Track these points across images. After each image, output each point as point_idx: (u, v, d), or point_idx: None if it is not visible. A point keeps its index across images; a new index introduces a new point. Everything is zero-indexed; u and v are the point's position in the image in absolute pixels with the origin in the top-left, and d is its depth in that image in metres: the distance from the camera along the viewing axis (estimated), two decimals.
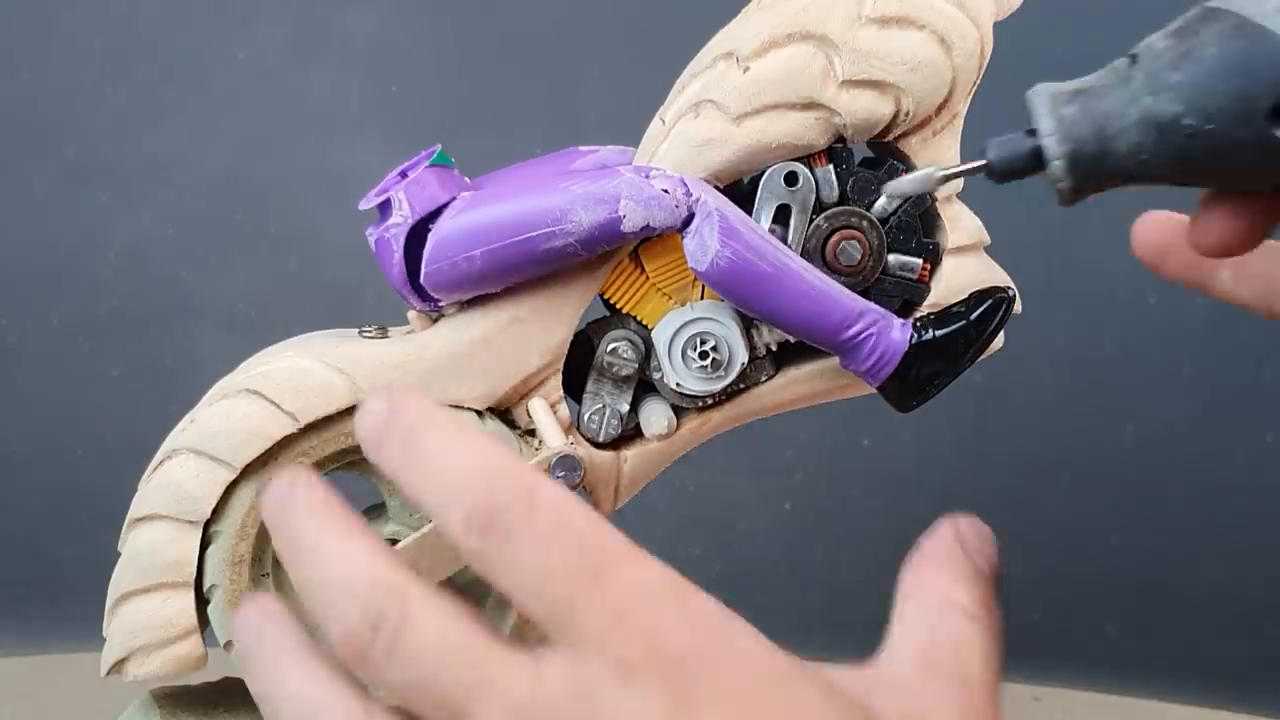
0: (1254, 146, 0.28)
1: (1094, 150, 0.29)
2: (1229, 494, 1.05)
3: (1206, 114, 0.28)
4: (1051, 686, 1.07)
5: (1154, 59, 0.29)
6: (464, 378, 0.41)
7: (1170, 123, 0.28)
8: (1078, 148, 0.29)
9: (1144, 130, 0.29)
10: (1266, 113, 0.27)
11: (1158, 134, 0.28)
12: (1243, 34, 0.27)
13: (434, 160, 0.40)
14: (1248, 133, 0.28)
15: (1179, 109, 0.28)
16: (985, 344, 0.40)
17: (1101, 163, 0.29)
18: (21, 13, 1.03)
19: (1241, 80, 0.27)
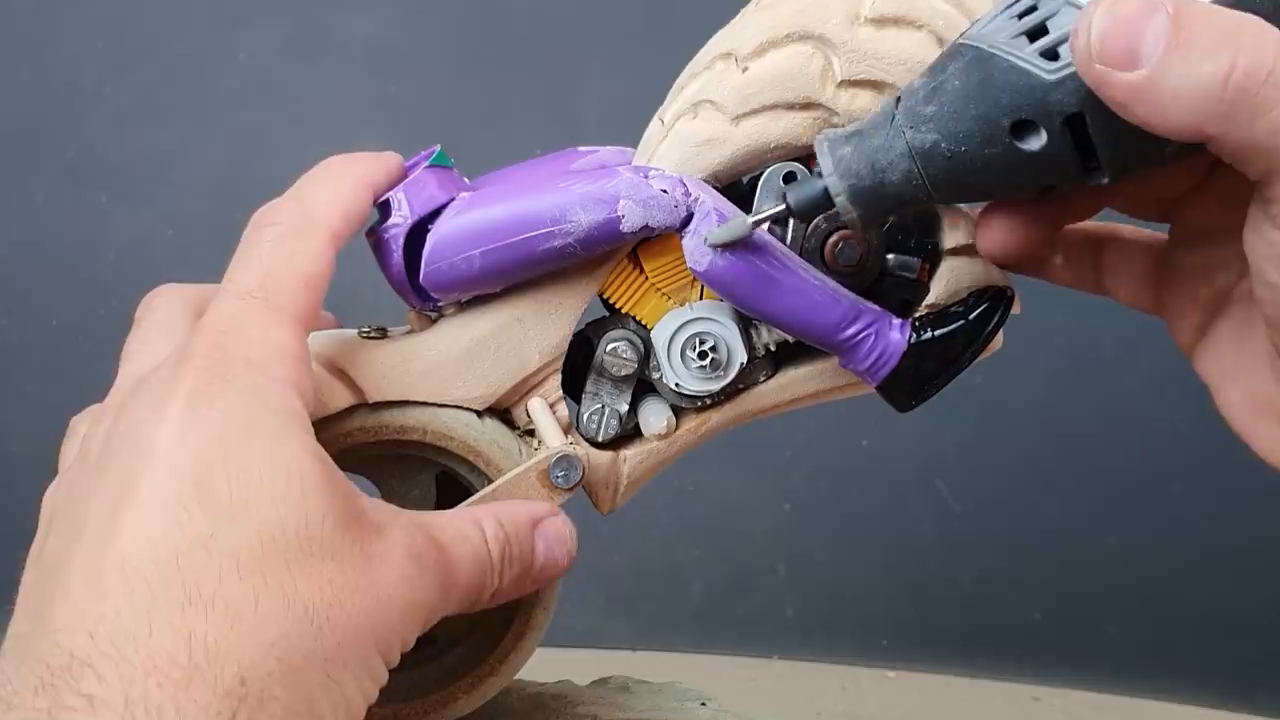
0: (1004, 161, 0.31)
1: (871, 183, 0.33)
2: (1228, 494, 1.05)
3: (958, 138, 0.31)
4: (1051, 686, 1.07)
5: (912, 96, 0.32)
6: (463, 377, 0.41)
7: (930, 150, 0.32)
8: (856, 183, 0.33)
9: (910, 160, 0.32)
10: (1008, 130, 0.30)
11: (922, 161, 0.32)
12: (980, 64, 0.30)
13: (433, 161, 0.41)
14: (996, 150, 0.31)
15: (935, 137, 0.31)
16: (984, 344, 0.40)
17: (880, 192, 0.33)
18: (22, 13, 1.03)
19: (982, 105, 0.30)
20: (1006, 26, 0.31)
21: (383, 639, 0.32)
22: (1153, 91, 0.28)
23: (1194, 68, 0.27)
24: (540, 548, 0.38)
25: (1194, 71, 0.27)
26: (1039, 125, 0.30)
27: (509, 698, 0.49)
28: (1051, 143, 0.30)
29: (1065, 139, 0.30)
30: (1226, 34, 0.27)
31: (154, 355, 0.36)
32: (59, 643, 0.29)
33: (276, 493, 0.31)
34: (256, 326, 0.34)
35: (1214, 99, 0.27)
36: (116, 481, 0.31)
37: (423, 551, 0.34)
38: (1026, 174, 0.31)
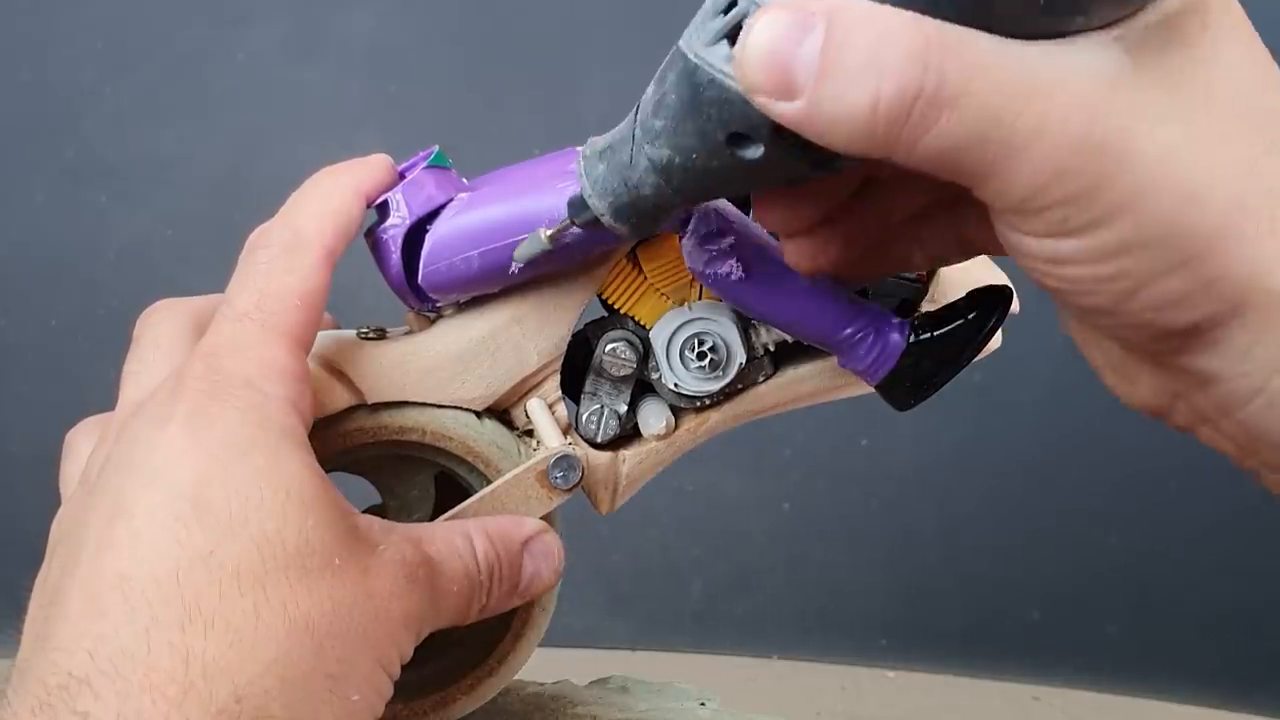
0: (732, 170, 0.30)
1: (628, 199, 0.33)
2: (1228, 494, 1.05)
3: (686, 152, 0.31)
4: (1051, 686, 1.07)
5: (644, 109, 0.32)
6: (462, 378, 0.41)
7: (668, 164, 0.31)
8: (614, 200, 0.33)
9: (654, 173, 0.32)
10: (725, 143, 0.30)
11: (665, 174, 0.32)
12: (688, 77, 0.30)
13: (431, 161, 0.40)
14: (721, 159, 0.30)
15: (668, 152, 0.31)
16: (983, 343, 0.40)
17: (639, 205, 0.33)
18: (21, 13, 1.03)
19: (696, 120, 0.30)
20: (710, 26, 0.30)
21: (383, 652, 0.32)
22: (813, 121, 0.26)
23: (843, 97, 0.26)
24: (528, 566, 0.39)
25: (844, 101, 0.26)
26: (751, 137, 0.29)
27: (508, 698, 0.49)
28: (770, 150, 0.29)
29: (781, 144, 0.29)
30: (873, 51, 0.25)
31: (153, 377, 0.36)
32: (57, 662, 0.29)
33: (275, 509, 0.31)
34: (253, 347, 0.34)
35: (869, 129, 0.26)
36: (114, 501, 0.32)
37: (415, 566, 0.34)
38: (761, 178, 0.31)
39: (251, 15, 1.04)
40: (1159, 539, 1.07)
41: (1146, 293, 0.27)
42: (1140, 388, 0.31)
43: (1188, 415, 0.30)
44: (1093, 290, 0.27)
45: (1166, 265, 0.26)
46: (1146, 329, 0.28)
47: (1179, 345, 0.28)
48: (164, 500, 0.31)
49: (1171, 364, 0.29)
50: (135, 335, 0.39)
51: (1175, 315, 0.27)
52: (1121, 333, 0.29)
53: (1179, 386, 0.30)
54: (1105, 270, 0.27)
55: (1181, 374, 0.29)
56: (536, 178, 0.40)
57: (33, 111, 1.05)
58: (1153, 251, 0.26)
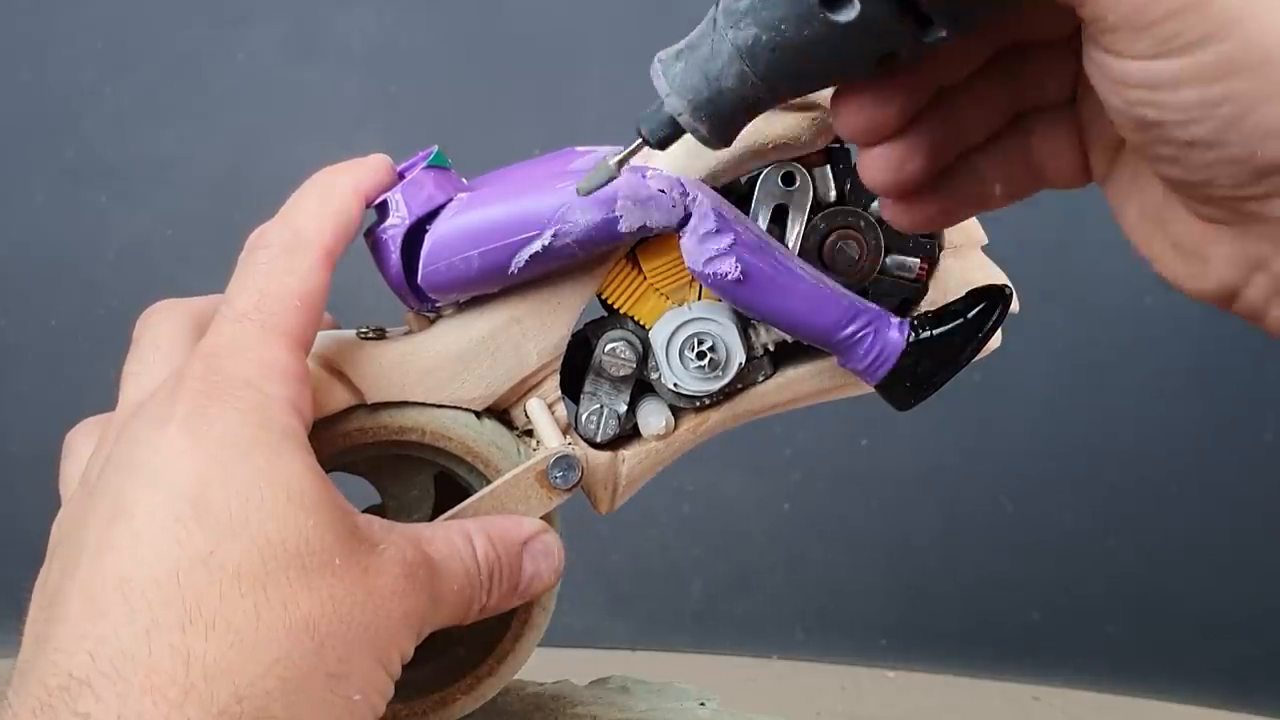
0: (823, 37, 0.30)
1: (710, 94, 0.32)
2: (1228, 494, 1.05)
3: (775, 27, 0.30)
4: (1051, 686, 1.07)
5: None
6: (462, 378, 0.41)
7: (754, 45, 0.31)
8: (694, 97, 0.32)
9: (738, 60, 0.31)
10: (818, 4, 0.30)
11: (750, 59, 0.31)
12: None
13: (431, 161, 0.40)
14: (814, 29, 0.30)
15: (755, 30, 0.31)
16: (983, 342, 0.40)
17: (720, 101, 0.32)
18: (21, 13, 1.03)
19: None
20: None
21: (383, 651, 0.32)
22: None
23: None
24: (528, 566, 0.39)
25: None
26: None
27: (508, 698, 0.49)
28: (867, 7, 0.29)
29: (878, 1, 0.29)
30: None
31: (153, 378, 0.36)
32: (57, 663, 0.29)
33: (275, 509, 0.31)
34: (253, 348, 0.34)
35: None
36: (114, 502, 0.32)
37: (415, 566, 0.34)
38: (854, 47, 0.30)
39: (251, 15, 1.04)
40: (1159, 539, 1.07)
41: (1251, 119, 0.27)
42: (1213, 264, 0.30)
43: (1264, 288, 0.30)
44: (1197, 118, 0.27)
45: (1274, 88, 0.26)
46: (1246, 164, 0.27)
47: (1274, 187, 0.27)
48: (164, 501, 0.31)
49: (1259, 216, 0.28)
50: (135, 336, 0.39)
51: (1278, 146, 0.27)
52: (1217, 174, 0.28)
53: (1259, 250, 0.29)
54: (1212, 92, 0.27)
55: (1266, 229, 0.28)
56: (536, 178, 0.40)
57: (32, 111, 1.05)
58: (1261, 71, 0.26)
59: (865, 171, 0.34)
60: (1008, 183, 0.35)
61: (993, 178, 0.35)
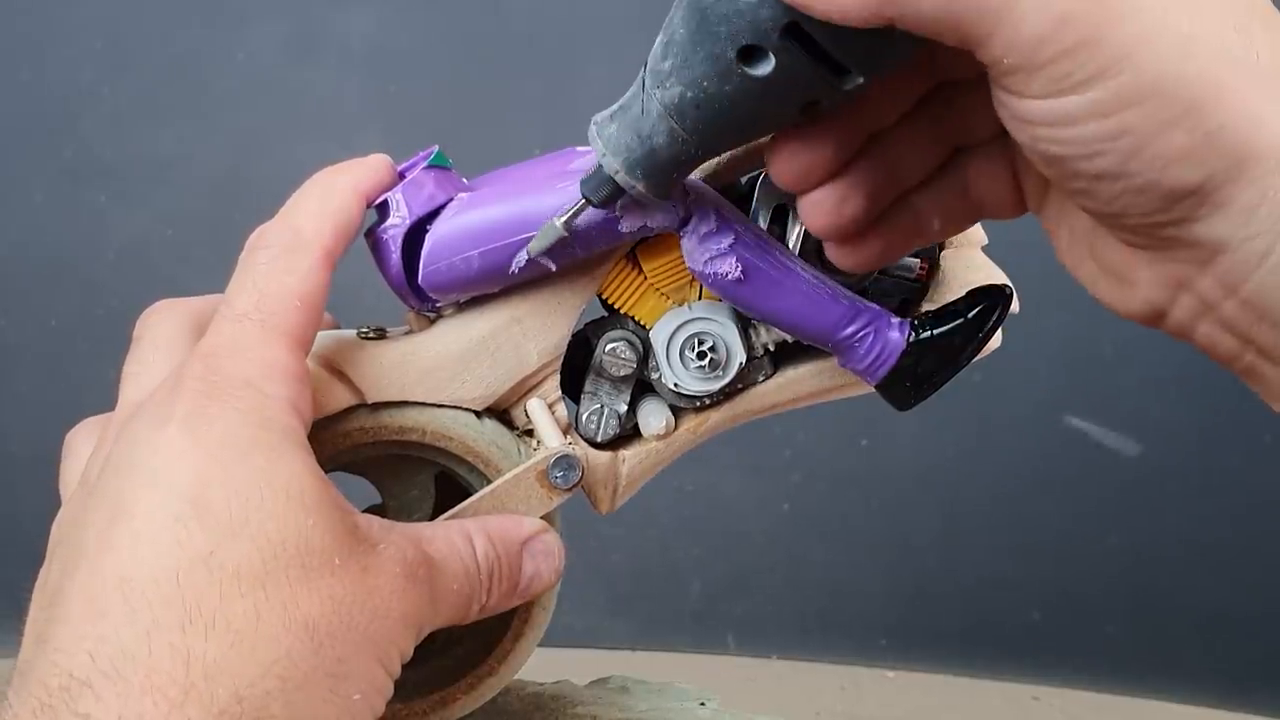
0: (744, 91, 0.31)
1: (642, 153, 0.33)
2: (1227, 495, 1.05)
3: (698, 84, 0.31)
4: (1051, 686, 1.07)
5: (652, 58, 0.32)
6: (462, 378, 0.41)
7: (679, 103, 0.32)
8: (628, 156, 0.33)
9: (667, 118, 0.32)
10: (736, 60, 0.30)
11: (678, 117, 0.32)
12: (695, 5, 0.31)
13: (431, 161, 0.40)
14: (734, 83, 0.31)
15: (679, 89, 0.32)
16: (983, 342, 0.40)
17: (654, 159, 0.33)
18: (20, 13, 1.03)
19: (705, 44, 0.31)
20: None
21: (383, 651, 0.32)
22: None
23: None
24: (528, 566, 0.39)
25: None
26: (763, 47, 0.30)
27: (508, 698, 0.49)
28: (781, 59, 0.30)
29: (793, 52, 0.30)
30: None
31: (152, 378, 0.36)
32: (58, 663, 0.29)
33: (275, 509, 0.31)
34: (253, 347, 0.34)
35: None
36: (114, 503, 0.32)
37: (415, 565, 0.34)
38: (775, 98, 0.31)
39: (251, 15, 1.04)
40: (1159, 539, 1.07)
41: (1151, 148, 0.27)
42: (1139, 287, 0.31)
43: (1188, 308, 0.30)
44: (1099, 151, 0.28)
45: (1169, 116, 0.27)
46: (1153, 192, 0.28)
47: (1185, 213, 0.28)
48: (164, 501, 0.31)
49: (1176, 240, 0.29)
50: (135, 336, 0.39)
51: (1181, 173, 0.27)
52: (1127, 204, 0.29)
53: (1182, 272, 0.30)
54: (1110, 126, 0.27)
55: (1185, 252, 0.29)
56: (536, 178, 0.40)
57: (31, 111, 1.05)
58: (1155, 102, 0.27)
59: (806, 216, 0.35)
60: (946, 217, 0.36)
61: (931, 213, 0.36)
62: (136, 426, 0.33)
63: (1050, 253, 0.35)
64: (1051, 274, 0.38)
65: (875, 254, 0.36)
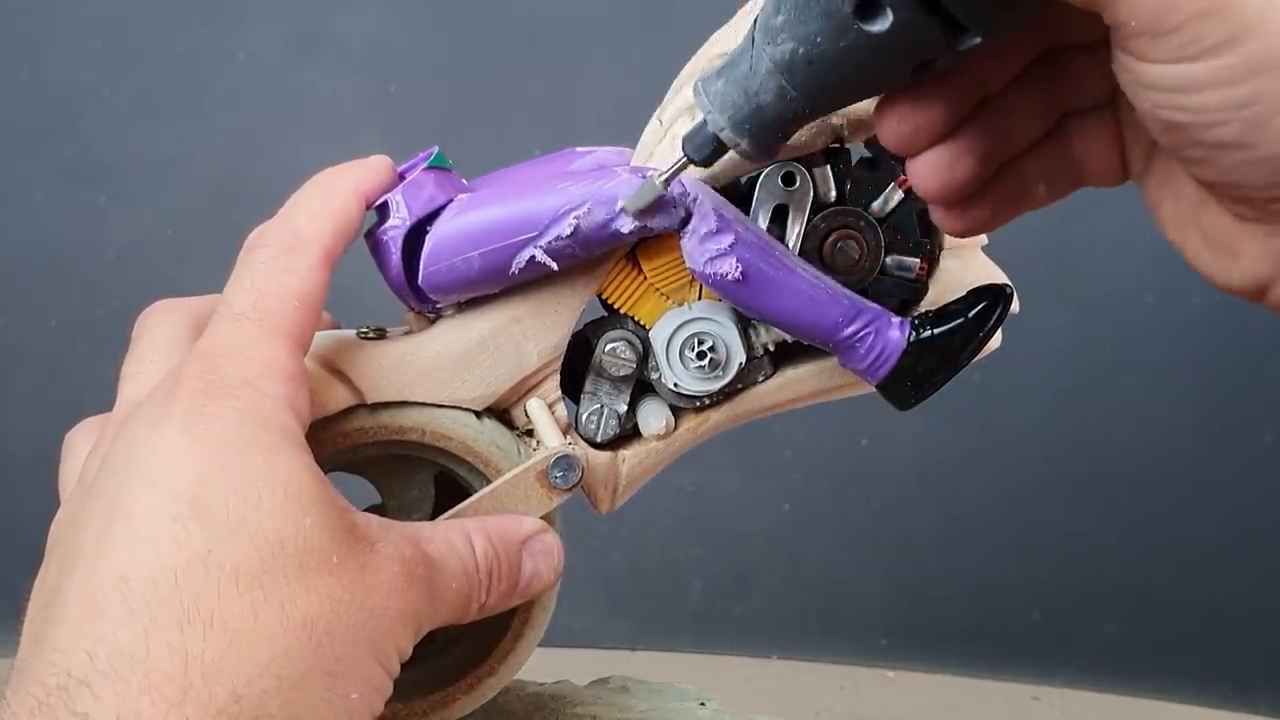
0: (861, 49, 0.30)
1: (749, 110, 0.33)
2: (1228, 494, 1.05)
3: (812, 40, 0.31)
4: (1051, 686, 1.07)
5: (763, 14, 0.32)
6: (462, 378, 0.41)
7: (791, 59, 0.31)
8: (735, 113, 0.33)
9: (777, 75, 0.32)
10: (853, 15, 0.30)
11: (788, 73, 0.32)
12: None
13: (431, 162, 0.40)
14: (849, 39, 0.30)
15: (792, 44, 0.31)
16: (983, 342, 0.40)
17: (761, 116, 0.33)
18: (20, 13, 1.03)
19: None
20: None
21: (381, 650, 0.32)
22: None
23: None
24: (528, 565, 0.39)
25: None
26: (881, 3, 0.30)
27: (508, 698, 0.49)
28: (899, 14, 0.29)
29: (910, 9, 0.29)
30: None
31: (150, 378, 0.36)
32: (56, 662, 0.29)
33: (273, 507, 0.31)
34: (251, 347, 0.34)
35: None
36: (112, 502, 0.32)
37: (414, 564, 0.34)
38: (889, 56, 0.31)
39: (251, 15, 1.04)
40: (1159, 539, 1.07)
41: (1277, 120, 0.27)
42: (1245, 259, 0.31)
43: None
44: (1223, 120, 0.27)
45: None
46: (1274, 164, 0.27)
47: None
48: (162, 500, 0.31)
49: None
50: (134, 336, 0.39)
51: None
52: (1245, 175, 0.28)
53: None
54: (1236, 94, 0.27)
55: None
56: (536, 178, 0.40)
57: (32, 111, 1.05)
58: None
59: (916, 178, 0.35)
60: (1051, 182, 0.36)
61: (1036, 178, 0.36)
62: (134, 426, 0.33)
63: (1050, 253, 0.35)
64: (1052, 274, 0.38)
65: (983, 219, 0.36)
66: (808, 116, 0.33)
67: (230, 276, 0.37)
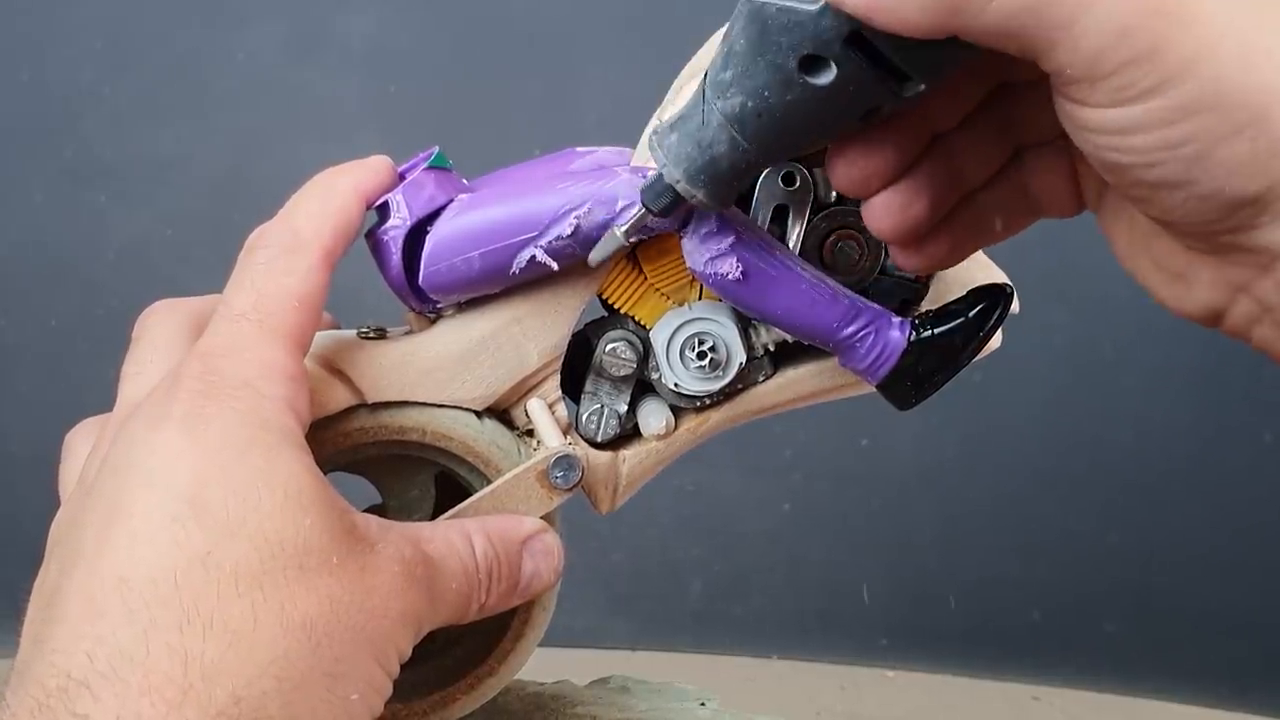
0: (805, 100, 0.31)
1: (703, 162, 0.34)
2: (1227, 494, 1.05)
3: (759, 94, 0.31)
4: (1051, 686, 1.07)
5: (713, 68, 0.33)
6: (462, 378, 0.41)
7: (741, 112, 0.32)
8: (689, 165, 0.34)
9: (728, 128, 0.32)
10: (798, 70, 0.31)
11: (739, 126, 0.32)
12: (754, 16, 0.31)
13: (432, 162, 0.40)
14: (795, 92, 0.31)
15: (741, 98, 0.32)
16: (983, 341, 0.40)
17: (715, 168, 0.34)
18: (21, 13, 1.03)
19: (766, 54, 0.31)
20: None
21: (380, 650, 0.32)
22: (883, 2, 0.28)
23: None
24: (528, 565, 0.39)
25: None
26: (824, 57, 0.30)
27: (508, 698, 0.49)
28: (842, 70, 0.30)
29: (855, 61, 0.30)
30: None
31: (150, 378, 0.36)
32: (55, 663, 0.29)
33: (273, 508, 0.31)
34: (250, 348, 0.34)
35: None
36: (111, 503, 0.32)
37: (413, 564, 0.34)
38: (836, 106, 0.31)
39: (251, 15, 1.04)
40: (1159, 539, 1.07)
41: (1214, 158, 0.27)
42: (1197, 288, 0.31)
43: (1247, 311, 0.31)
44: (1161, 160, 0.28)
45: (1231, 126, 0.27)
46: (1215, 200, 0.28)
47: (1246, 220, 0.28)
48: (161, 501, 0.31)
49: (1236, 246, 0.29)
50: (133, 336, 0.39)
51: (1243, 182, 0.27)
52: (1189, 211, 0.29)
53: (1241, 276, 0.30)
54: (1173, 134, 0.27)
55: (1245, 257, 0.29)
56: (536, 178, 0.40)
57: (32, 111, 1.05)
58: (1217, 112, 0.27)
59: (870, 220, 0.35)
60: (1008, 215, 0.36)
61: (993, 213, 0.36)
62: (134, 426, 0.33)
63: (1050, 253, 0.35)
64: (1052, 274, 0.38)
65: (941, 255, 0.36)
66: (760, 165, 0.34)
67: (230, 277, 0.37)
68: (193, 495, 0.31)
